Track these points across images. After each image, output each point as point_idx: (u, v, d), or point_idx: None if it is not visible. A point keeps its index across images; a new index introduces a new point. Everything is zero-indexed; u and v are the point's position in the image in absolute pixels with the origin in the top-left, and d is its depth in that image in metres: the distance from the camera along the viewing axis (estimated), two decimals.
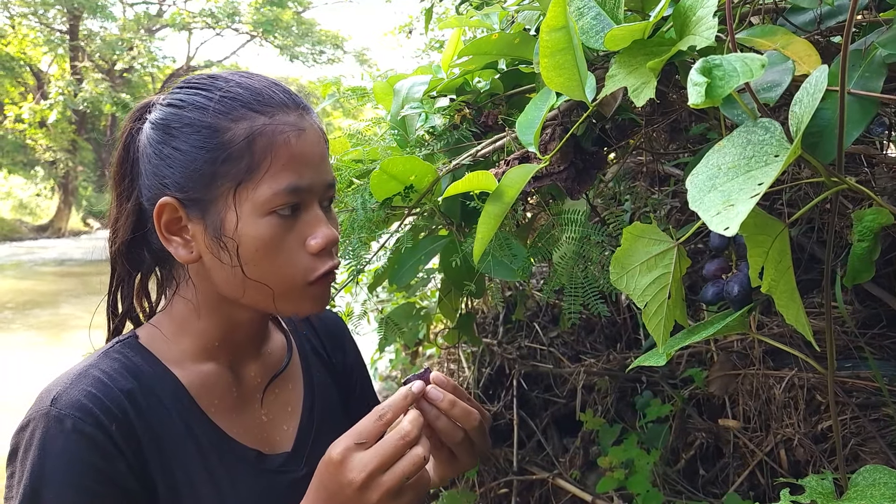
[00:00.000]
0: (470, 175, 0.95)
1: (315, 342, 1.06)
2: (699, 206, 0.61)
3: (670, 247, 0.82)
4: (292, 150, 0.79)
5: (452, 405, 0.82)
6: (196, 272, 0.85)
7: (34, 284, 11.60)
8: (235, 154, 0.78)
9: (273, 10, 23.47)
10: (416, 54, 8.37)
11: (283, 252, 0.80)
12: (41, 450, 0.73)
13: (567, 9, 0.82)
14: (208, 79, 0.84)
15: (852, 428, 1.36)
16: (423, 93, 1.26)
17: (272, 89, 0.83)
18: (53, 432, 0.74)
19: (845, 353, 1.41)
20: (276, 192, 0.78)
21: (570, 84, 0.87)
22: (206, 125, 0.79)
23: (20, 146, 20.85)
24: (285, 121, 0.80)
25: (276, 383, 0.95)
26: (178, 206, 0.81)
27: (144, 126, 0.85)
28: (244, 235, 0.79)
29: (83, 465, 0.73)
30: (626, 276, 0.85)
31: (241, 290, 0.82)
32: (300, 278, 0.82)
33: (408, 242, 1.21)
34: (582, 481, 1.66)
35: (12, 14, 20.94)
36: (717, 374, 1.48)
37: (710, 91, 0.66)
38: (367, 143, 1.41)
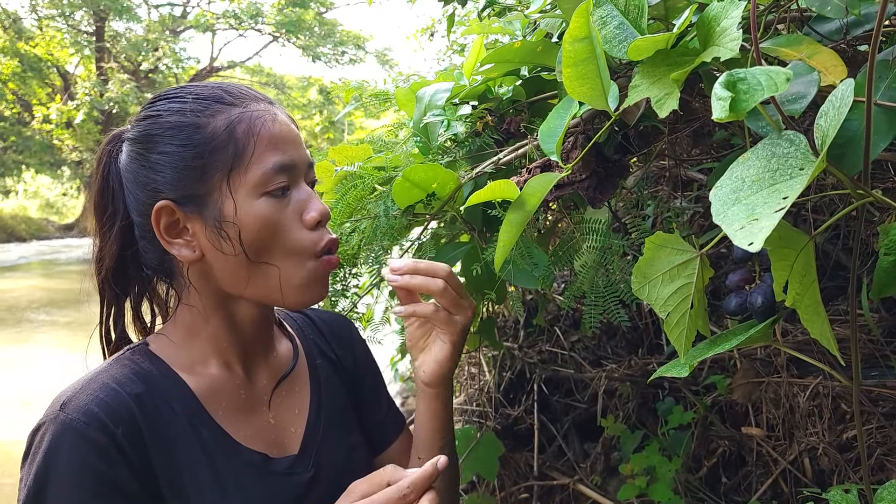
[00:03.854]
0: (492, 184, 0.96)
1: (322, 344, 1.07)
2: (723, 220, 0.61)
3: (693, 257, 0.81)
4: (271, 132, 0.84)
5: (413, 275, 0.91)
6: (198, 274, 0.87)
7: (61, 283, 11.77)
8: (220, 144, 0.82)
9: (296, 11, 23.59)
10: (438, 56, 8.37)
11: (283, 229, 0.84)
12: (47, 452, 0.75)
13: (590, 19, 0.82)
14: (177, 88, 0.88)
15: (878, 437, 1.34)
16: (445, 100, 1.26)
17: (240, 87, 0.88)
18: (60, 436, 0.75)
19: (871, 361, 1.40)
20: (266, 171, 0.82)
21: (592, 94, 0.87)
22: (187, 124, 0.83)
23: (47, 146, 21.15)
24: (258, 108, 0.85)
25: (284, 386, 0.96)
26: (174, 208, 0.83)
27: (123, 147, 0.88)
28: (244, 218, 0.82)
29: (86, 469, 0.74)
30: (649, 286, 0.85)
31: (246, 280, 0.84)
32: (305, 252, 0.85)
33: (431, 251, 1.22)
34: (603, 487, 1.66)
35: (40, 16, 21.27)
36: (740, 382, 1.46)
37: (734, 105, 0.66)
38: (390, 149, 1.41)
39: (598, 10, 0.89)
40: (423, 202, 1.19)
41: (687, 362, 0.80)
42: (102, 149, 0.91)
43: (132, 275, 0.92)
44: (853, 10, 0.84)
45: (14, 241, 18.15)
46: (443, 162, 1.23)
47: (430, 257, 1.22)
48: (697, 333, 0.83)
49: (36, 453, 0.75)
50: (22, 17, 21.16)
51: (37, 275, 13.00)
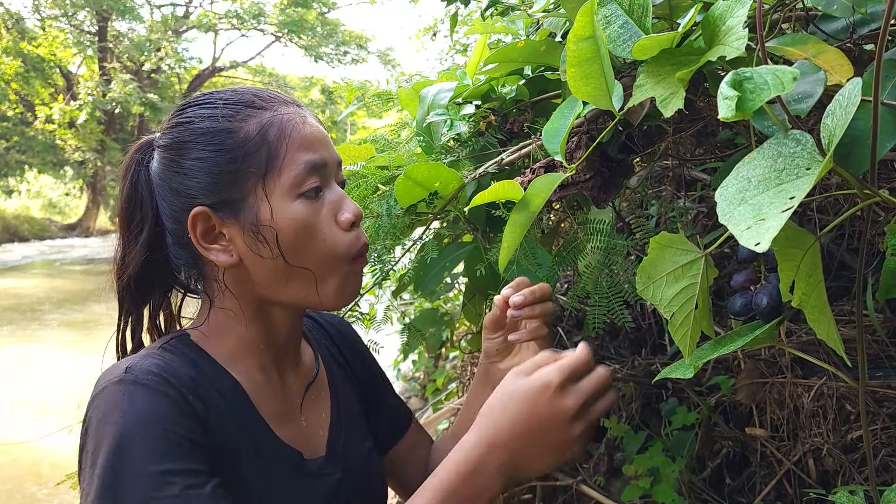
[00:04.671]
0: (496, 185, 0.95)
1: (332, 349, 1.08)
2: (729, 221, 0.60)
3: (698, 257, 0.81)
4: (302, 133, 0.84)
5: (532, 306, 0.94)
6: (234, 278, 0.87)
7: (64, 283, 11.78)
8: (253, 148, 0.82)
9: (298, 11, 23.61)
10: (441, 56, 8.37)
11: (320, 231, 0.84)
12: (122, 409, 0.74)
13: (594, 18, 0.82)
14: (206, 94, 0.88)
15: (883, 438, 1.34)
16: (448, 99, 1.26)
17: (267, 91, 0.89)
18: (131, 392, 0.76)
19: (876, 362, 1.39)
20: (298, 172, 0.82)
21: (597, 93, 0.87)
22: (219, 130, 0.83)
23: (50, 146, 21.18)
24: (287, 111, 0.86)
25: (311, 391, 0.97)
26: (210, 214, 0.83)
27: (154, 154, 0.88)
28: (281, 221, 0.82)
29: (163, 418, 0.75)
30: (653, 287, 0.85)
31: (284, 282, 0.85)
32: (341, 255, 0.85)
33: (433, 252, 1.22)
34: (606, 488, 1.65)
35: (43, 16, 21.30)
36: (744, 382, 1.46)
37: (740, 105, 0.65)
38: (393, 148, 1.41)
39: (602, 9, 0.88)
40: (425, 201, 1.19)
41: (692, 363, 0.79)
42: (131, 156, 0.90)
43: (155, 282, 0.92)
44: (860, 8, 0.84)
45: (17, 240, 18.18)
46: (446, 161, 1.23)
47: (432, 258, 1.22)
48: (702, 334, 0.83)
49: (106, 415, 0.74)
50: (25, 17, 21.20)
51: (39, 275, 13.01)
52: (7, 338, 7.88)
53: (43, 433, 2.60)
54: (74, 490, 1.35)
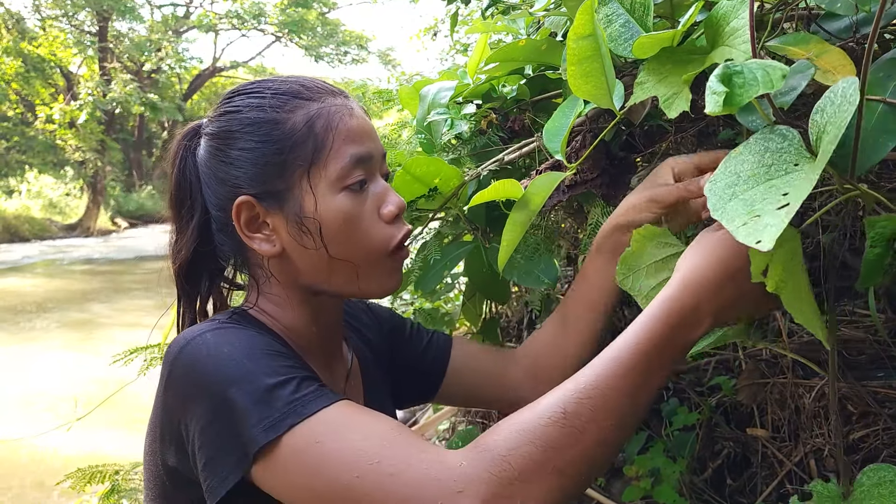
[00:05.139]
0: (496, 184, 0.95)
1: (352, 331, 1.09)
2: (722, 216, 0.60)
3: (679, 250, 0.81)
4: (349, 125, 0.85)
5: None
6: (279, 267, 0.88)
7: (64, 283, 11.78)
8: (299, 140, 0.83)
9: (298, 11, 23.62)
10: (441, 56, 8.37)
11: (363, 224, 0.85)
12: (232, 340, 0.76)
13: (595, 17, 0.81)
14: (255, 83, 0.89)
15: (884, 439, 1.33)
16: (448, 98, 1.26)
17: (315, 81, 0.89)
18: (233, 331, 0.78)
19: (878, 362, 1.39)
20: (344, 165, 0.83)
21: (597, 92, 0.87)
22: (267, 120, 0.84)
23: (50, 146, 21.19)
24: (335, 102, 0.86)
25: (350, 378, 0.99)
26: (254, 203, 0.84)
27: (201, 142, 0.89)
28: (325, 214, 0.83)
29: (264, 342, 0.77)
30: (633, 277, 0.85)
31: (327, 273, 0.86)
32: (383, 248, 0.86)
33: (436, 253, 1.21)
34: (607, 489, 1.65)
35: (43, 17, 21.30)
36: (745, 383, 1.45)
37: (728, 100, 0.65)
38: (393, 146, 1.41)
39: (603, 7, 0.88)
40: (425, 197, 1.18)
41: None
42: (178, 143, 0.91)
43: (203, 269, 0.93)
44: (863, 6, 0.83)
45: (17, 241, 18.16)
46: (447, 159, 1.22)
47: (434, 258, 1.21)
48: None
49: (206, 358, 0.74)
50: (25, 17, 21.20)
51: (40, 275, 13.01)
52: (7, 338, 7.88)
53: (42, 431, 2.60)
54: (73, 490, 1.36)
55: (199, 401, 0.73)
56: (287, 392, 0.70)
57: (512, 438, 0.65)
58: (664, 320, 0.69)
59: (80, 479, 1.35)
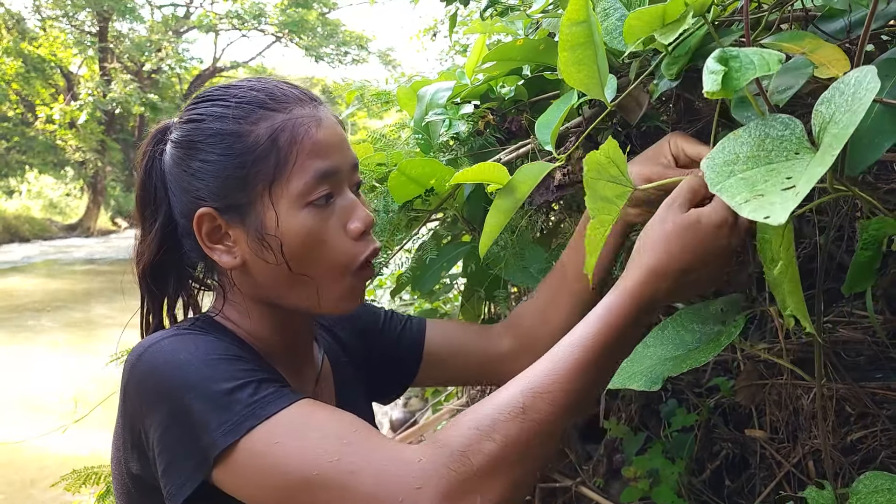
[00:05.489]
0: (481, 165, 0.94)
1: (336, 337, 1.09)
2: (721, 191, 0.60)
3: (627, 190, 0.78)
4: (314, 139, 0.82)
5: None
6: (240, 276, 0.87)
7: (65, 283, 11.78)
8: (262, 154, 0.80)
9: (299, 12, 23.61)
10: (441, 57, 8.38)
11: (327, 241, 0.82)
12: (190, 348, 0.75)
13: (589, 3, 0.80)
14: (221, 89, 0.86)
15: (882, 440, 1.33)
16: (446, 99, 1.26)
17: (285, 88, 0.86)
18: (191, 338, 0.78)
19: (876, 363, 1.38)
20: (308, 181, 0.80)
21: (589, 81, 0.85)
22: (229, 132, 0.81)
23: (50, 147, 21.18)
24: (302, 113, 0.83)
25: (319, 382, 0.98)
26: (216, 215, 0.83)
27: (166, 147, 0.87)
28: (286, 231, 0.81)
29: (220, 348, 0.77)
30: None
31: (287, 288, 0.84)
32: (347, 265, 0.84)
33: (432, 252, 1.21)
34: (605, 490, 1.65)
35: (44, 17, 21.30)
36: (743, 384, 1.45)
37: (725, 81, 0.65)
38: (391, 147, 1.41)
39: (601, 1, 0.87)
40: (421, 198, 1.18)
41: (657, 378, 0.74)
42: (146, 144, 0.90)
43: (170, 272, 0.92)
44: (861, 0, 0.83)
45: (17, 241, 18.16)
46: (444, 160, 1.22)
47: (430, 258, 1.21)
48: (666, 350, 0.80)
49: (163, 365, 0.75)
50: (25, 17, 21.20)
51: (40, 275, 13.02)
52: (8, 337, 7.88)
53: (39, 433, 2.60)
54: (69, 491, 1.35)
55: (157, 407, 0.73)
56: (245, 395, 0.71)
57: (471, 434, 0.66)
58: (623, 312, 0.72)
59: (75, 481, 1.35)
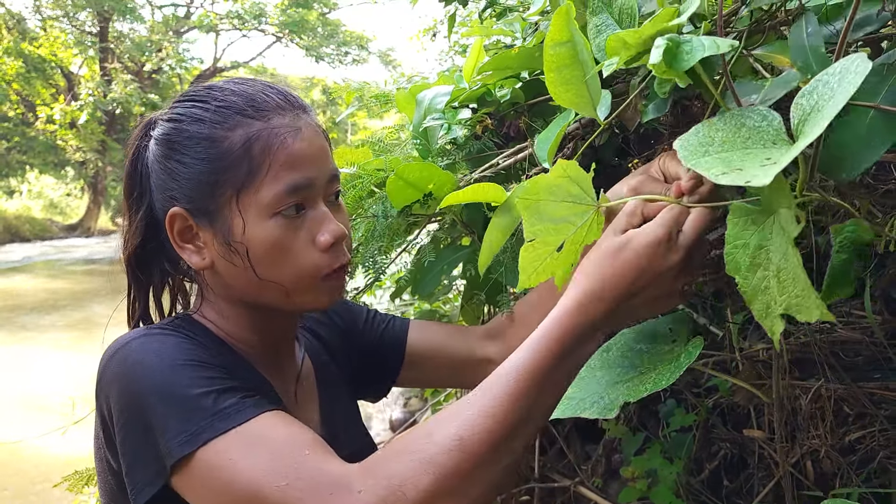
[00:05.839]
0: (475, 186, 0.94)
1: (317, 336, 1.09)
2: (697, 165, 0.59)
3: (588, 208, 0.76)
4: (289, 151, 0.81)
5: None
6: (212, 277, 0.88)
7: (65, 283, 11.79)
8: (234, 161, 0.80)
9: (299, 12, 23.59)
10: (441, 57, 8.38)
11: (293, 252, 0.82)
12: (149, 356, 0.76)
13: (572, 22, 0.79)
14: (205, 90, 0.86)
15: (881, 440, 1.33)
16: (445, 103, 1.26)
17: (267, 93, 0.85)
18: (159, 340, 0.78)
19: (874, 363, 1.39)
20: (278, 192, 0.80)
21: (578, 101, 0.85)
22: (205, 136, 0.82)
23: (51, 147, 21.17)
24: (280, 123, 0.82)
25: (301, 383, 0.98)
26: (187, 216, 0.84)
27: (150, 143, 0.88)
28: (252, 239, 0.81)
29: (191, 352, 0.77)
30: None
31: (258, 290, 0.85)
32: (312, 275, 0.84)
33: (431, 256, 1.22)
34: (604, 490, 1.65)
35: (44, 17, 21.30)
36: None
37: (673, 61, 0.66)
38: (390, 151, 1.41)
39: (594, 18, 0.87)
40: (419, 202, 1.19)
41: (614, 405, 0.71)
42: (135, 135, 0.91)
43: (154, 261, 0.93)
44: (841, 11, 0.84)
45: (18, 241, 18.19)
46: (442, 164, 1.23)
47: (429, 260, 1.22)
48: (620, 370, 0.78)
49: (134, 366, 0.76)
50: (26, 17, 21.20)
51: (41, 275, 13.02)
52: (8, 337, 7.89)
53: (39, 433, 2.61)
54: (71, 491, 1.36)
55: (123, 410, 0.75)
56: (206, 405, 0.71)
57: (409, 468, 0.66)
58: (558, 337, 0.71)
59: (77, 482, 1.36)
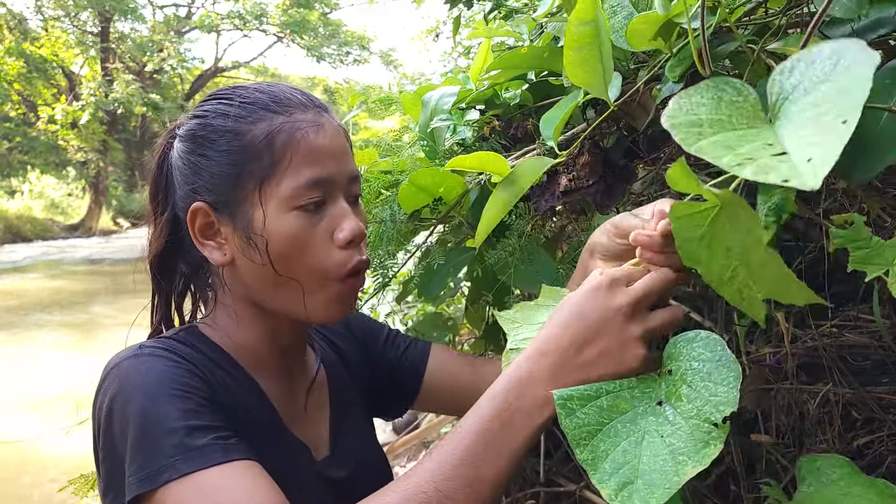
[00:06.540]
0: (479, 153, 0.94)
1: (334, 347, 1.08)
2: (699, 152, 0.52)
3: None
4: (311, 144, 0.82)
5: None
6: (230, 276, 0.88)
7: (66, 283, 11.79)
8: (256, 153, 0.81)
9: (300, 12, 23.62)
10: (444, 58, 8.38)
11: (312, 247, 0.82)
12: (140, 378, 0.75)
13: (598, 2, 0.79)
14: (231, 89, 0.88)
15: (889, 445, 1.33)
16: (451, 104, 1.25)
17: (290, 93, 0.86)
18: (145, 363, 0.77)
19: (882, 368, 1.38)
20: (299, 185, 0.80)
21: (592, 79, 0.84)
22: (228, 130, 0.83)
23: (52, 147, 21.19)
24: (303, 118, 0.83)
25: (313, 392, 0.97)
26: (209, 211, 0.84)
27: (175, 142, 0.89)
28: (272, 232, 0.81)
29: (181, 380, 0.76)
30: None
31: (273, 290, 0.84)
32: (331, 273, 0.83)
33: (440, 259, 1.21)
34: None
35: (45, 17, 21.32)
36: (749, 388, 1.45)
37: None
38: (395, 153, 1.40)
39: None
40: (429, 207, 1.18)
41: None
42: (164, 137, 0.92)
43: (176, 266, 0.93)
44: (860, 10, 0.83)
45: (19, 241, 18.18)
46: None
47: (439, 264, 1.21)
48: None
49: (125, 385, 0.75)
50: (27, 17, 21.22)
51: (42, 275, 13.02)
52: (9, 338, 7.89)
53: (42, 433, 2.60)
54: (76, 495, 1.35)
55: (103, 432, 0.76)
56: (173, 442, 0.71)
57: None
58: (505, 395, 0.70)
59: (83, 485, 1.35)
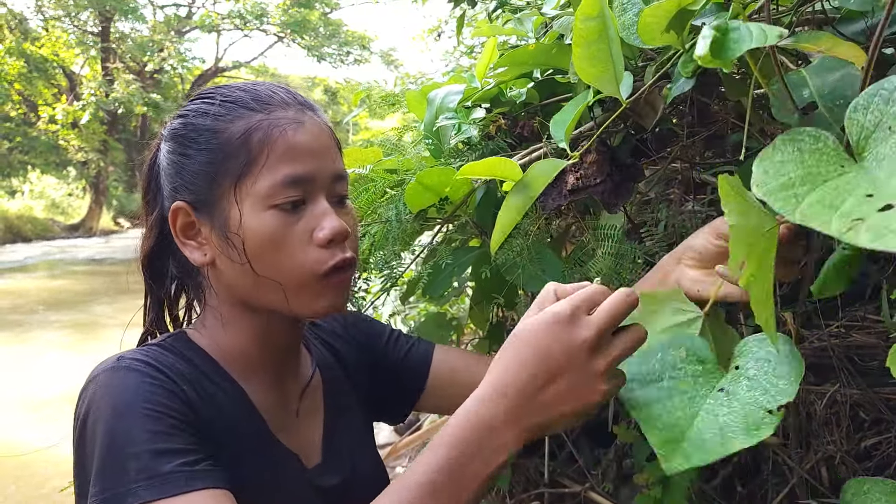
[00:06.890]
0: (493, 159, 0.92)
1: (318, 340, 1.06)
2: (805, 220, 0.51)
3: (696, 316, 0.78)
4: (289, 142, 0.80)
5: None
6: (214, 277, 0.87)
7: (67, 283, 11.79)
8: (233, 151, 0.80)
9: (301, 11, 23.61)
10: (445, 58, 8.37)
11: (288, 245, 0.80)
12: (113, 393, 0.75)
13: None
14: (215, 88, 0.87)
15: None
16: (457, 103, 1.24)
17: (273, 90, 0.85)
18: (121, 377, 0.76)
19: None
20: (276, 183, 0.79)
21: (603, 77, 0.83)
22: (207, 128, 0.82)
23: (53, 147, 21.18)
24: (283, 115, 0.82)
25: (307, 396, 0.95)
26: (189, 210, 0.83)
27: (162, 142, 0.89)
28: (248, 230, 0.80)
29: (153, 399, 0.74)
30: None
31: (254, 288, 0.83)
32: (309, 271, 0.81)
33: (447, 258, 1.20)
34: (615, 495, 1.63)
35: (46, 17, 21.32)
36: None
37: (719, 50, 0.64)
38: (400, 152, 1.40)
39: None
40: (435, 206, 1.17)
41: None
42: (156, 140, 0.92)
43: (166, 266, 0.92)
44: (877, 1, 0.82)
45: (20, 241, 18.16)
46: (455, 165, 1.21)
47: (446, 263, 1.20)
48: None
49: (100, 398, 0.75)
50: (28, 17, 21.23)
51: (42, 275, 13.03)
52: (10, 338, 7.88)
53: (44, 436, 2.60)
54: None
55: (75, 443, 0.76)
56: (138, 466, 0.69)
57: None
58: (464, 437, 0.67)
59: None
